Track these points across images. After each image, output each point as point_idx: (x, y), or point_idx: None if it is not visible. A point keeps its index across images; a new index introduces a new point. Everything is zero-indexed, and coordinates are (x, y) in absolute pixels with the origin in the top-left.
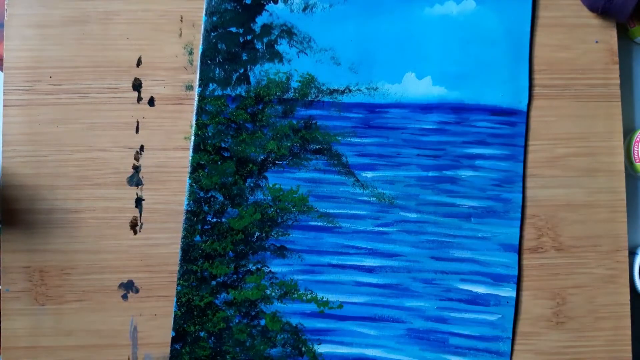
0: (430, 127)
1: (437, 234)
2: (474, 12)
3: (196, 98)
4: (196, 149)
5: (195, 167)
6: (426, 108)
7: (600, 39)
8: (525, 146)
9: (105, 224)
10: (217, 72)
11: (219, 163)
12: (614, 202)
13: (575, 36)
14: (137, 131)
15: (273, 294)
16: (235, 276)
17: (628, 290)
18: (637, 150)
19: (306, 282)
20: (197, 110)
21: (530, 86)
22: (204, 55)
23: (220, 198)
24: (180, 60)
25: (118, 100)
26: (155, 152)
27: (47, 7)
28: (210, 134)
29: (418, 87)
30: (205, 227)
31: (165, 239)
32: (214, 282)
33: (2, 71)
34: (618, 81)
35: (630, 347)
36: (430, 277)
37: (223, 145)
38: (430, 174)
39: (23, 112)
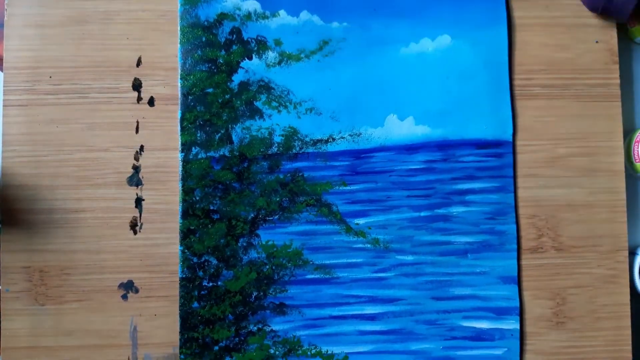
0: (418, 167)
1: (435, 274)
2: (450, 47)
3: (180, 164)
4: (185, 214)
5: (186, 233)
6: (411, 148)
7: (600, 39)
8: (514, 177)
9: (105, 224)
10: (198, 135)
11: (210, 226)
12: (614, 202)
13: (575, 36)
14: (137, 131)
15: (277, 352)
16: (237, 339)
17: (628, 290)
18: (637, 150)
19: (309, 337)
20: (182, 176)
21: (514, 116)
22: (183, 120)
23: (214, 261)
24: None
25: (118, 100)
26: (155, 152)
27: (47, 7)
28: (197, 198)
29: (401, 128)
30: (202, 292)
31: (165, 239)
32: (216, 347)
33: (2, 71)
34: (618, 81)
35: (630, 347)
36: (433, 318)
37: (212, 207)
38: (423, 214)
39: (23, 112)
